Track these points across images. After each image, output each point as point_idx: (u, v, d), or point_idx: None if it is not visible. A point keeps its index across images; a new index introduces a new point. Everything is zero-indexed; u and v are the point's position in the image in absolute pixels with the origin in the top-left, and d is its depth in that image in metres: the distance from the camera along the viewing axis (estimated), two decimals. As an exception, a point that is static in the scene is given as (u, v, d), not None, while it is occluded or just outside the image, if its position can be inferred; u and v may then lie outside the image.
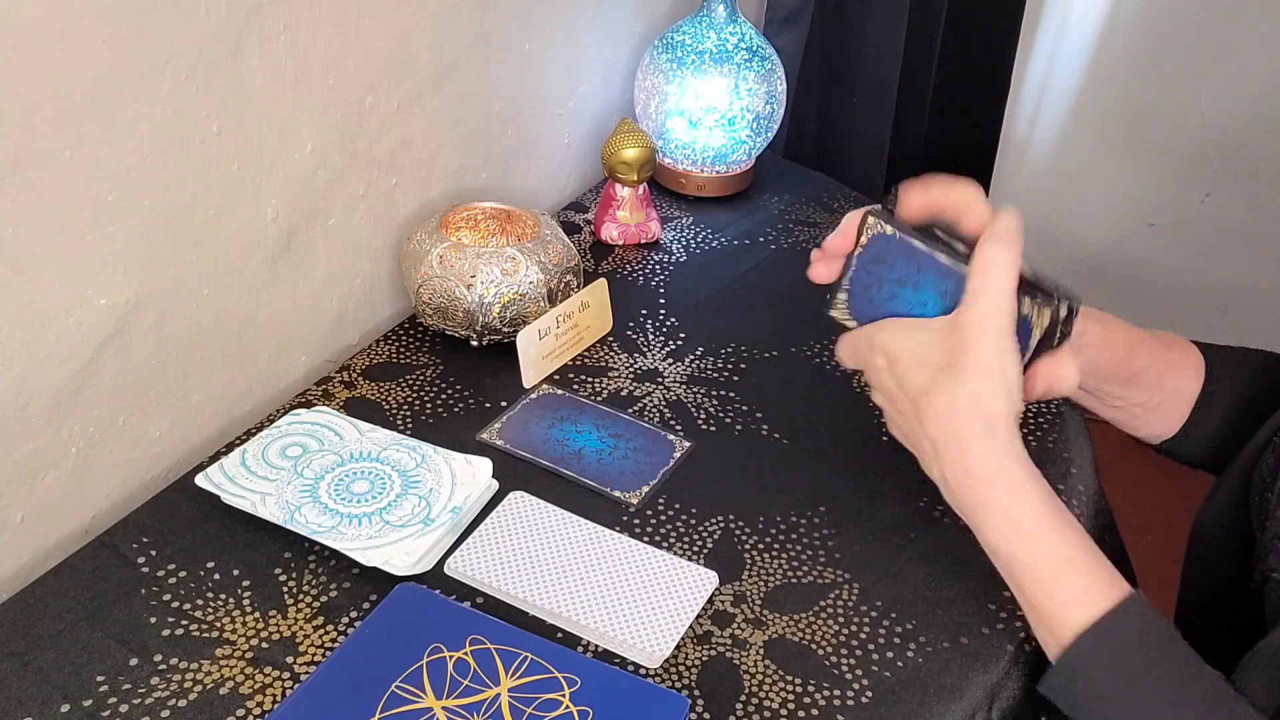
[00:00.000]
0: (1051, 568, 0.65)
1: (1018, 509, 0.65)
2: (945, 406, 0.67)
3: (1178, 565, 0.85)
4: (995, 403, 0.66)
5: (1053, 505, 0.66)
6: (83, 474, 0.81)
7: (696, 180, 1.24)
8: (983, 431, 0.66)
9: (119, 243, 0.77)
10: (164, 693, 0.68)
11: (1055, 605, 0.64)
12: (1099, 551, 0.66)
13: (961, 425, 0.66)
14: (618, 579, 0.76)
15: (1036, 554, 0.65)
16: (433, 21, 0.98)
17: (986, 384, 0.66)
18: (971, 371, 0.66)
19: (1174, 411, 0.84)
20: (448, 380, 0.95)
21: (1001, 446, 0.66)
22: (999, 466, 0.66)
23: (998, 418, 0.66)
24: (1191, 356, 0.84)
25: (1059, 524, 0.65)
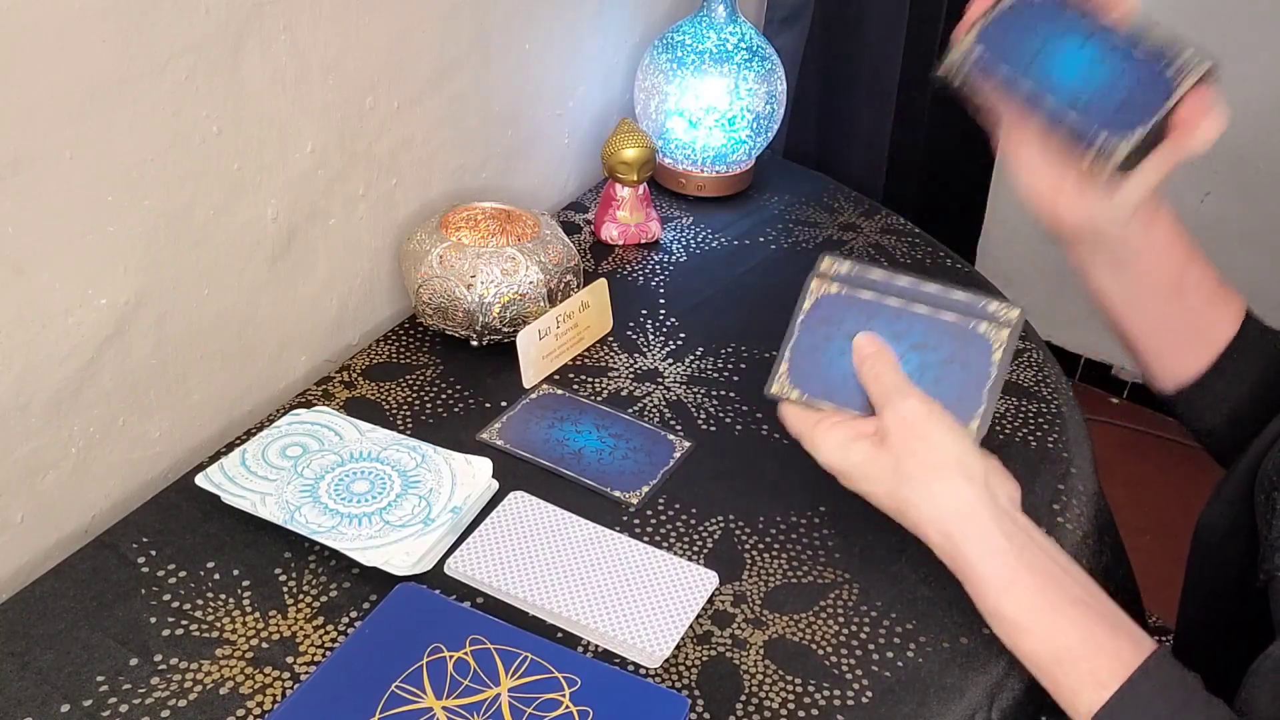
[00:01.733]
0: (1052, 659, 0.64)
1: (1005, 607, 0.65)
2: (917, 518, 0.68)
3: (1177, 565, 0.85)
4: (959, 496, 0.66)
5: (1046, 592, 0.65)
6: (83, 474, 0.81)
7: (696, 180, 1.24)
8: (957, 535, 0.66)
9: (119, 243, 0.77)
10: (164, 693, 0.68)
11: (1064, 693, 0.64)
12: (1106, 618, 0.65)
13: (938, 533, 0.67)
14: (618, 579, 0.76)
15: (1035, 649, 0.65)
16: (433, 21, 0.98)
17: (940, 484, 0.67)
18: (923, 475, 0.67)
19: (1201, 353, 0.81)
20: (448, 380, 0.95)
21: (978, 545, 0.66)
22: (981, 567, 0.66)
23: (967, 510, 0.66)
24: (1235, 303, 0.81)
25: (1053, 613, 0.64)
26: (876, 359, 0.71)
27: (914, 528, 0.69)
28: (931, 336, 0.73)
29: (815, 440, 0.72)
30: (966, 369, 0.71)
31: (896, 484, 0.68)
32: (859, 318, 0.74)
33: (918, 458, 0.67)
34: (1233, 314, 0.81)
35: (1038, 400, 0.96)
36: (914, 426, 0.68)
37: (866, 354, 0.72)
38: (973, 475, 0.67)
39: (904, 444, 0.68)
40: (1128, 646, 0.63)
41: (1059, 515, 0.84)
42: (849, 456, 0.70)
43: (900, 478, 0.68)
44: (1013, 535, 0.66)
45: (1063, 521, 0.83)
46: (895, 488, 0.68)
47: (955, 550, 0.67)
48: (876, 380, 0.71)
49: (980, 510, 0.66)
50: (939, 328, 0.73)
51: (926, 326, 0.73)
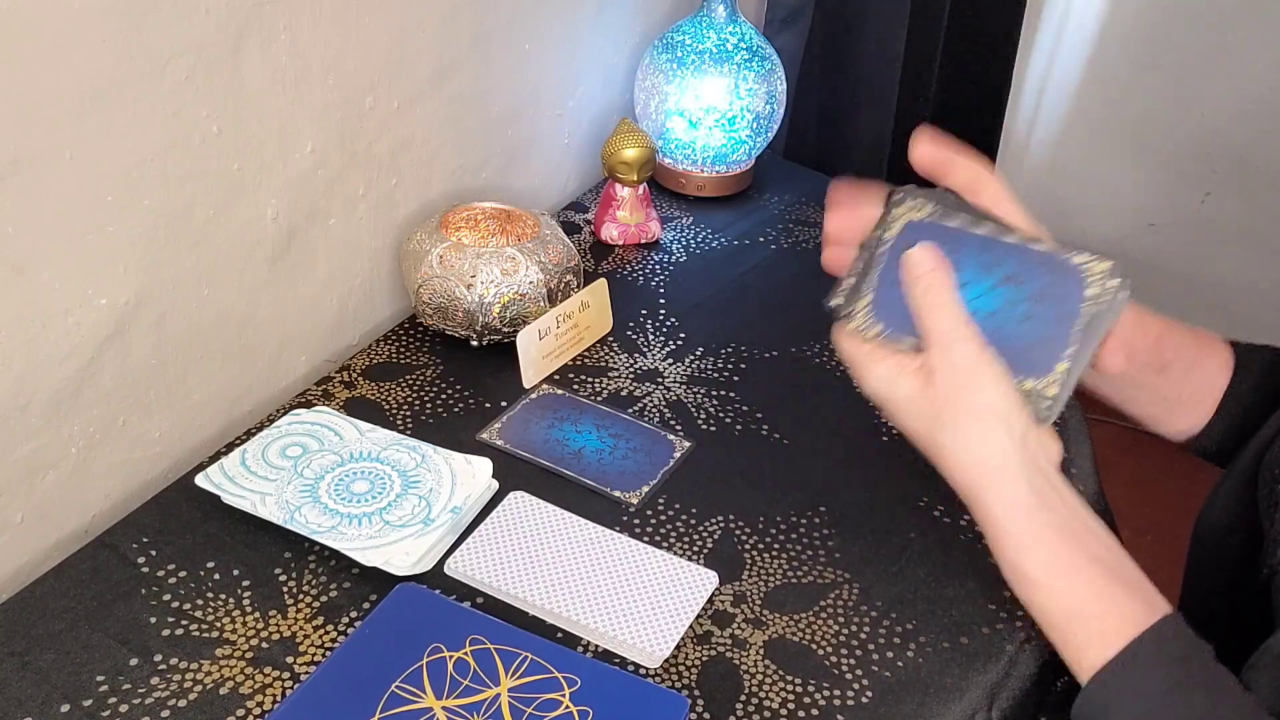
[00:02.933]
0: (1063, 615, 0.64)
1: (1023, 561, 0.65)
2: (950, 461, 0.67)
3: (1178, 565, 0.85)
4: (994, 447, 0.65)
5: (1065, 550, 0.65)
6: (83, 474, 0.81)
7: (696, 180, 1.24)
8: (985, 484, 0.66)
9: (119, 243, 0.77)
10: (164, 693, 0.68)
11: (1070, 649, 0.64)
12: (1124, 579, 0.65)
13: (967, 479, 0.67)
14: (618, 579, 0.76)
15: (1047, 604, 0.65)
16: (433, 21, 0.98)
17: (978, 430, 0.66)
18: (963, 421, 0.66)
19: (1201, 406, 0.83)
20: (448, 380, 0.95)
21: (1004, 497, 0.65)
22: (1003, 520, 0.66)
23: (999, 463, 0.65)
24: (1220, 350, 0.83)
25: (1070, 570, 0.64)
26: (932, 283, 0.67)
27: (944, 471, 0.68)
28: (1022, 266, 0.67)
29: (865, 367, 0.70)
30: (1056, 306, 0.67)
31: (936, 426, 0.67)
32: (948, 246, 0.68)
33: (961, 404, 0.66)
34: (1219, 361, 0.83)
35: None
36: (963, 373, 0.66)
37: (920, 273, 0.67)
38: (1012, 428, 0.65)
39: (949, 388, 0.66)
40: (1141, 608, 0.63)
41: (1059, 515, 0.84)
42: (895, 389, 0.68)
43: (940, 420, 0.66)
44: (1041, 491, 0.66)
45: (1063, 521, 0.83)
46: (934, 429, 0.67)
47: (981, 498, 0.66)
48: (930, 313, 0.67)
49: (1011, 463, 0.65)
50: (1032, 257, 0.67)
51: (1018, 255, 0.67)
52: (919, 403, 0.67)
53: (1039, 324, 0.67)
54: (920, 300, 0.67)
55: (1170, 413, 0.84)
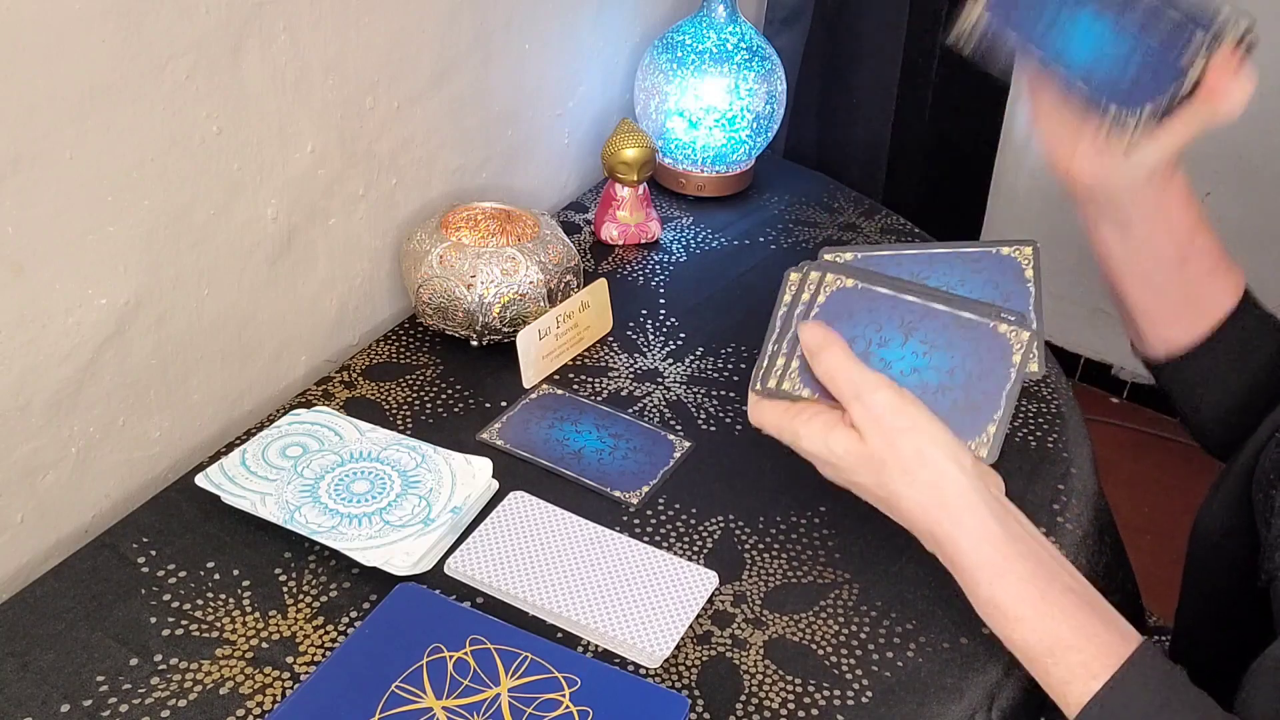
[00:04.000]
0: (1044, 649, 0.64)
1: (1000, 595, 0.64)
2: (908, 509, 0.66)
3: (1177, 565, 0.85)
4: (948, 483, 0.65)
5: (1037, 580, 0.64)
6: (83, 474, 0.81)
7: (696, 180, 1.24)
8: (950, 523, 0.65)
9: (119, 243, 0.77)
10: (164, 693, 0.68)
11: (1054, 683, 0.64)
12: (1095, 608, 0.64)
13: (930, 522, 0.66)
14: (618, 579, 0.76)
15: (1027, 638, 0.64)
16: (433, 21, 0.98)
17: (928, 473, 0.65)
18: (909, 465, 0.65)
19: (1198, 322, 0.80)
20: (448, 380, 0.95)
21: (972, 533, 0.65)
22: (975, 555, 0.65)
23: (958, 498, 0.65)
24: (1236, 279, 0.81)
25: (1045, 602, 0.64)
26: (827, 352, 0.67)
27: (903, 517, 0.68)
28: (951, 334, 0.69)
29: (795, 431, 0.69)
30: (986, 371, 0.69)
31: (883, 476, 0.66)
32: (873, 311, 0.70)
33: (901, 450, 0.65)
34: (1231, 290, 0.81)
35: (1038, 400, 0.96)
36: (890, 418, 0.65)
37: (815, 347, 0.68)
38: (961, 462, 0.65)
39: (884, 439, 0.65)
40: (1117, 638, 0.63)
41: (1059, 515, 0.84)
42: (831, 446, 0.67)
43: (886, 470, 0.66)
44: (1005, 522, 0.65)
45: (1063, 521, 0.83)
46: (881, 480, 0.66)
47: (947, 537, 0.65)
48: (834, 377, 0.67)
49: (972, 496, 0.65)
50: (959, 326, 0.69)
51: (946, 323, 0.70)
52: (859, 456, 0.66)
53: (966, 391, 0.69)
54: (824, 372, 0.68)
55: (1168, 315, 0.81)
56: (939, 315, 0.70)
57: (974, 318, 0.70)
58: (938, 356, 0.69)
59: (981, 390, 0.69)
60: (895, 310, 0.70)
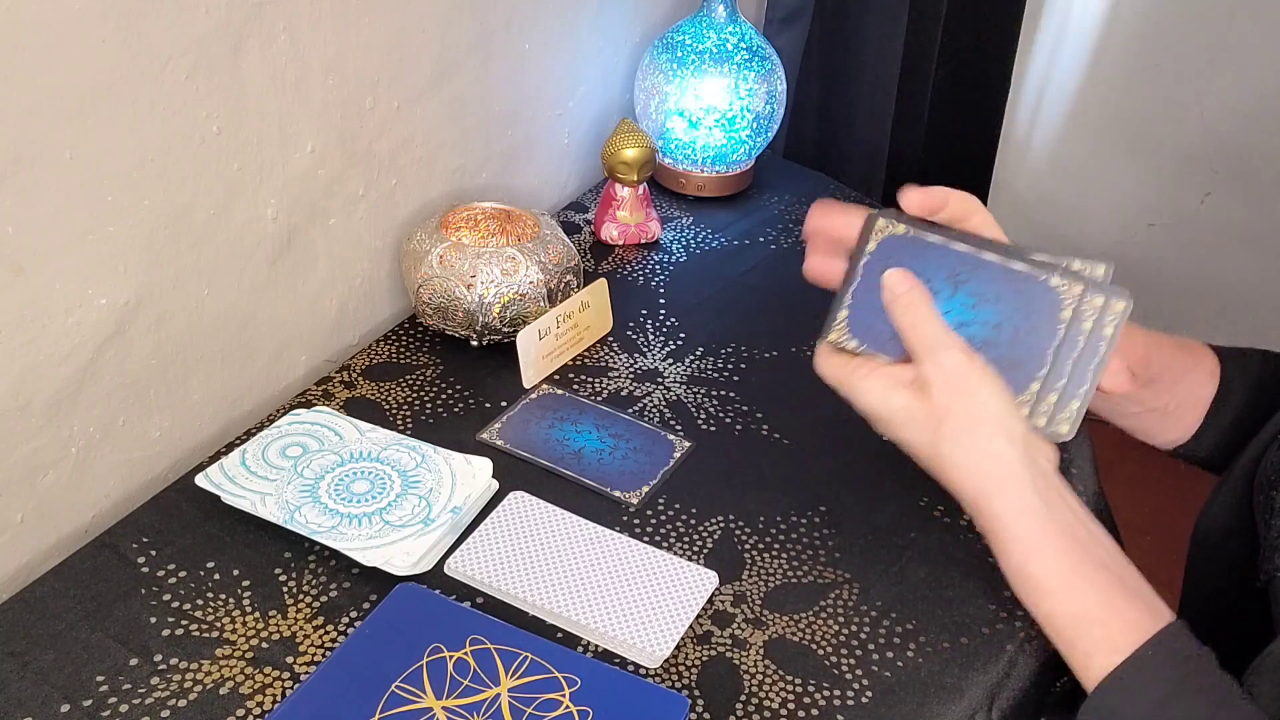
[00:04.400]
0: (1069, 621, 0.64)
1: (1032, 566, 0.65)
2: (953, 471, 0.67)
3: (1178, 565, 0.85)
4: (996, 452, 0.65)
5: (1071, 555, 0.65)
6: (83, 474, 0.81)
7: (696, 180, 1.24)
8: (992, 491, 0.66)
9: (119, 243, 0.77)
10: (164, 693, 0.68)
11: (1077, 655, 0.64)
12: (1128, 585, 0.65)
13: (972, 488, 0.67)
14: (618, 579, 0.76)
15: (1054, 610, 0.65)
16: (433, 21, 0.98)
17: (980, 437, 0.66)
18: (963, 429, 0.66)
19: (1189, 416, 0.84)
20: (448, 380, 0.95)
21: (1012, 504, 0.65)
22: (1013, 526, 0.66)
23: (1004, 469, 0.65)
24: (1206, 359, 0.83)
25: (1076, 576, 0.64)
26: (911, 301, 0.68)
27: (947, 481, 0.68)
28: (999, 287, 0.68)
29: (855, 385, 0.69)
30: (1033, 326, 0.67)
31: (936, 437, 0.67)
32: (924, 262, 0.69)
33: (958, 412, 0.66)
34: (1206, 370, 0.83)
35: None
36: (956, 381, 0.66)
37: (899, 293, 0.68)
38: (1012, 434, 0.66)
39: (945, 397, 0.66)
40: (1146, 616, 0.63)
41: (1059, 515, 0.84)
42: (890, 402, 0.68)
43: (939, 431, 0.66)
44: (1047, 496, 0.66)
45: (1063, 521, 0.83)
46: (934, 439, 0.67)
47: (988, 506, 0.66)
48: (913, 328, 0.67)
49: (1017, 468, 0.65)
50: (1009, 279, 0.68)
51: (995, 275, 0.68)
52: (916, 415, 0.67)
53: (1011, 346, 0.68)
54: (901, 319, 0.68)
55: (1159, 423, 0.84)
56: (989, 267, 0.68)
57: (1025, 269, 0.67)
58: (985, 310, 0.68)
59: (1027, 346, 0.67)
60: (945, 260, 0.69)
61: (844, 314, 0.71)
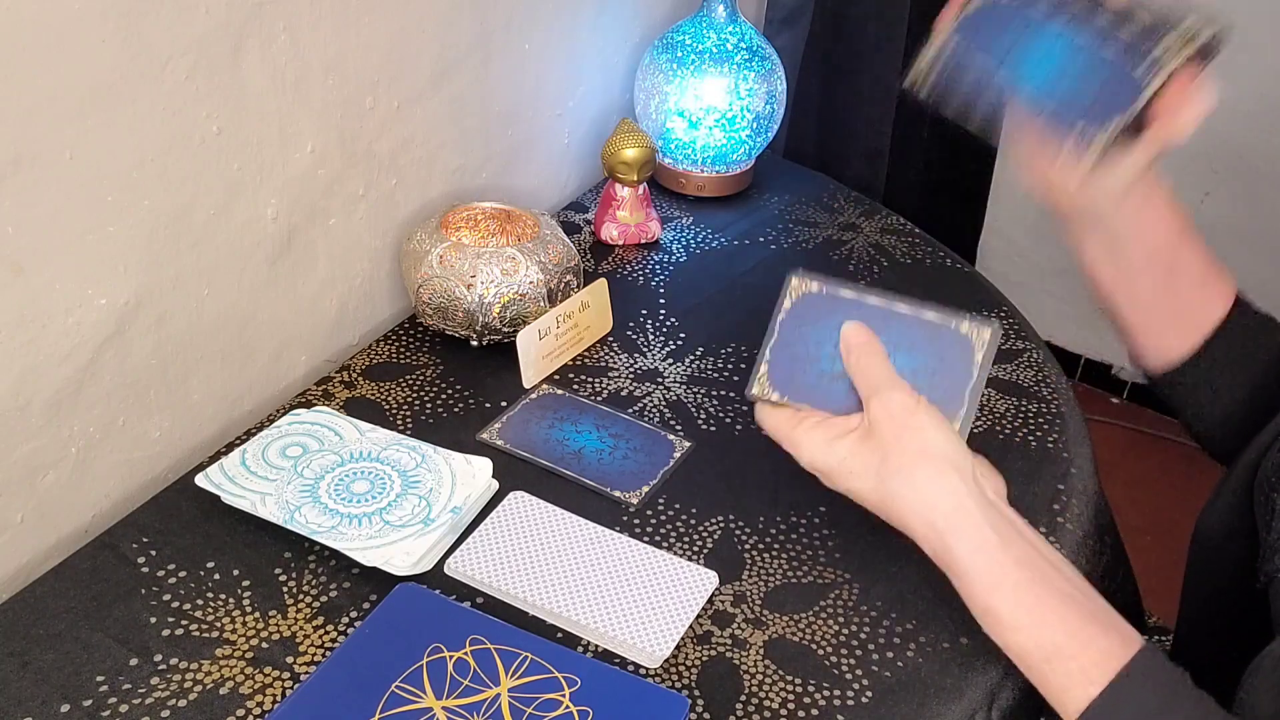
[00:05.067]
0: (1041, 656, 0.64)
1: (994, 602, 0.65)
2: (904, 510, 0.67)
3: (1177, 565, 0.85)
4: (947, 487, 0.66)
5: (1034, 588, 0.64)
6: (83, 474, 0.81)
7: (696, 180, 1.24)
8: (945, 528, 0.66)
9: (119, 243, 0.77)
10: (164, 693, 0.68)
11: (1053, 690, 0.64)
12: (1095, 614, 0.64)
13: (924, 525, 0.67)
14: (618, 579, 0.76)
15: (1025, 645, 0.64)
16: (433, 21, 0.98)
17: (928, 473, 0.66)
18: (911, 465, 0.66)
19: (1192, 333, 0.81)
20: (448, 380, 0.95)
21: (967, 540, 0.65)
22: (969, 562, 0.65)
23: (955, 503, 0.65)
24: (1226, 287, 0.81)
25: (1042, 608, 0.64)
26: (865, 350, 0.70)
27: (900, 521, 0.68)
28: (913, 335, 0.72)
29: (797, 440, 0.71)
30: (948, 370, 0.71)
31: (883, 477, 0.67)
32: (839, 316, 0.73)
33: (905, 450, 0.66)
34: (1222, 298, 0.81)
35: (1038, 400, 0.96)
36: (902, 418, 0.67)
37: (855, 343, 0.71)
38: (961, 468, 0.66)
39: (892, 436, 0.67)
40: (1116, 643, 0.63)
41: (1059, 515, 0.84)
42: (833, 453, 0.69)
43: (887, 470, 0.67)
44: (1001, 529, 0.65)
45: (1063, 521, 0.83)
46: (881, 481, 0.67)
47: (942, 544, 0.66)
48: (863, 373, 0.70)
49: (968, 503, 0.65)
50: (921, 327, 0.72)
51: (908, 325, 0.72)
52: (861, 459, 0.68)
53: (929, 390, 0.70)
54: (855, 366, 0.70)
55: (1161, 326, 0.81)
56: (902, 318, 0.72)
57: (936, 320, 0.72)
58: (901, 357, 0.71)
59: (945, 388, 0.70)
60: (860, 313, 0.72)
61: (764, 369, 0.74)
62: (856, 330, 0.71)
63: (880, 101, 1.53)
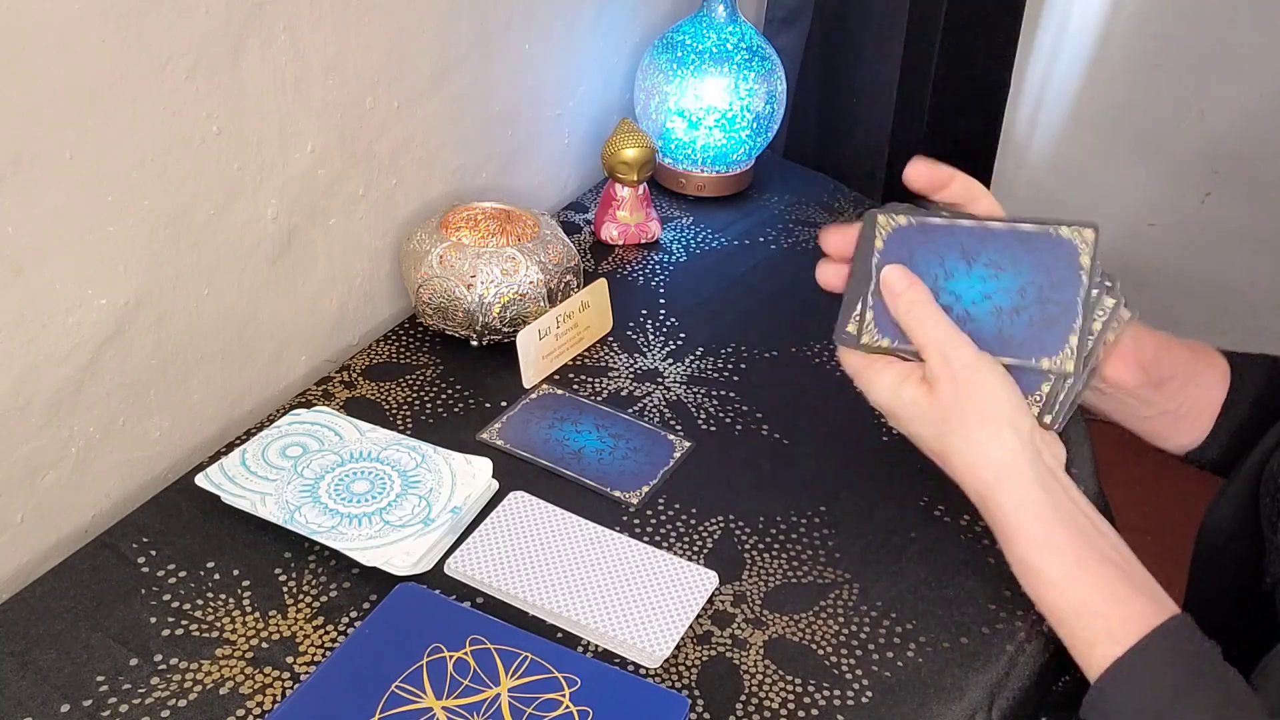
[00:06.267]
0: (1073, 613, 0.65)
1: (1035, 559, 0.66)
2: (959, 464, 0.68)
3: (1178, 565, 0.85)
4: (1002, 447, 0.66)
5: (1075, 547, 0.65)
6: (83, 474, 0.81)
7: (696, 180, 1.24)
8: (995, 484, 0.66)
9: (119, 243, 0.77)
10: (164, 693, 0.68)
11: (1079, 645, 0.65)
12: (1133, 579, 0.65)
13: (977, 480, 0.67)
14: (618, 579, 0.76)
15: (1058, 601, 0.65)
16: (433, 21, 0.98)
17: (985, 433, 0.66)
18: (970, 424, 0.67)
19: (1201, 419, 0.83)
20: (448, 380, 0.95)
21: (1014, 496, 0.66)
22: (1015, 518, 0.66)
23: (1009, 461, 0.66)
24: (1217, 363, 0.83)
25: (1080, 569, 0.65)
26: (913, 300, 0.68)
27: (954, 473, 0.69)
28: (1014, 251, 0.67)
29: (869, 378, 0.71)
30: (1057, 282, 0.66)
31: (943, 429, 0.68)
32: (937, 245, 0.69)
33: (965, 408, 0.67)
34: (1217, 374, 0.83)
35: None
36: (964, 377, 0.67)
37: (898, 291, 0.69)
38: (1019, 427, 0.66)
39: (952, 394, 0.67)
40: (1150, 608, 0.63)
41: (1059, 515, 0.84)
42: (900, 395, 0.69)
43: (947, 424, 0.67)
44: (1050, 489, 0.66)
45: (1063, 521, 0.83)
46: (941, 432, 0.68)
47: (992, 498, 0.67)
48: (919, 327, 0.68)
49: (1021, 461, 0.66)
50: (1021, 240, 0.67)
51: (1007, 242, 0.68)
52: (925, 409, 0.68)
53: (1041, 305, 0.67)
54: (905, 318, 0.69)
55: (1170, 427, 0.84)
56: (998, 235, 0.68)
57: (1033, 229, 0.67)
58: (1006, 277, 0.68)
59: (1057, 302, 0.66)
60: (954, 238, 0.69)
61: (870, 315, 0.71)
62: (897, 275, 0.69)
63: (880, 101, 1.53)
